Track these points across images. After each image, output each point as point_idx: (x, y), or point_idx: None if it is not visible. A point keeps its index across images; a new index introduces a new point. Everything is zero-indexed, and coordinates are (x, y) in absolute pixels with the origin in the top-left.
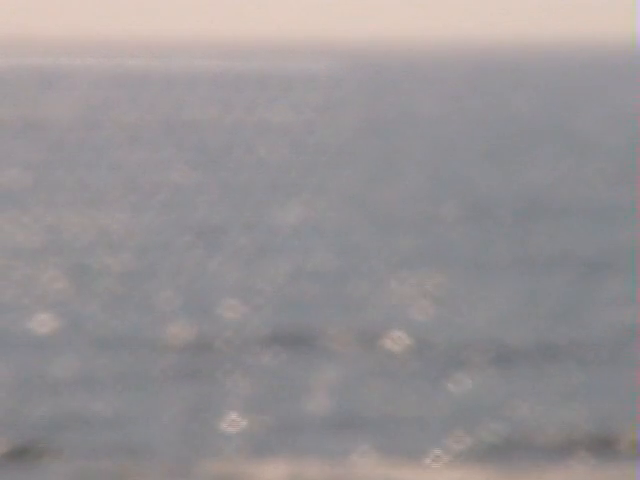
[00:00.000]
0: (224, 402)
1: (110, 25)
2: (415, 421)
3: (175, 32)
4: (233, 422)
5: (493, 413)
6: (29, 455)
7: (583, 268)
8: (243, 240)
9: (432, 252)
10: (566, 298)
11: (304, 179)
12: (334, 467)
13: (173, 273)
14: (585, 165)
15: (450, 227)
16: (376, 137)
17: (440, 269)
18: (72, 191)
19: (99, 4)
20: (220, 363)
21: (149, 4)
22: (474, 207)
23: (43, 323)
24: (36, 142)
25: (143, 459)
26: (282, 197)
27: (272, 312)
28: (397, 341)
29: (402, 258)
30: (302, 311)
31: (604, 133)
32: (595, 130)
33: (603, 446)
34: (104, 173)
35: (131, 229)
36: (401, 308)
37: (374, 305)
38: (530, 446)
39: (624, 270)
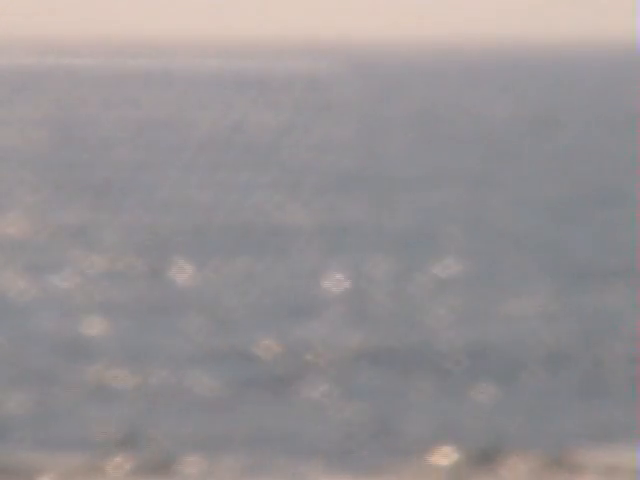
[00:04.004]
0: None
1: (110, 25)
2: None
3: (175, 32)
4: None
5: (481, 426)
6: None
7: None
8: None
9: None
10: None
11: (304, 179)
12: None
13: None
14: (584, 166)
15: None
16: (376, 137)
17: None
18: (73, 190)
19: (99, 4)
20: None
21: (149, 4)
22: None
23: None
24: (36, 141)
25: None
26: (282, 197)
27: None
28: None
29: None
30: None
31: (604, 133)
32: (595, 130)
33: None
34: (105, 173)
35: (153, 229)
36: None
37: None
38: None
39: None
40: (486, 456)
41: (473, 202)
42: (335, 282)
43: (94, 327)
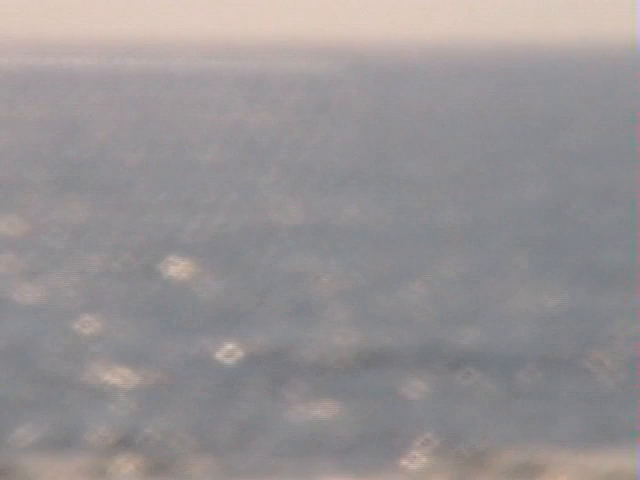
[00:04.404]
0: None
1: (110, 25)
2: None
3: (175, 32)
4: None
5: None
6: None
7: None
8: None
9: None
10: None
11: (304, 179)
12: None
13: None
14: (584, 166)
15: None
16: (376, 137)
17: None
18: (73, 190)
19: (99, 4)
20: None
21: (149, 4)
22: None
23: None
24: (36, 141)
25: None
26: (283, 197)
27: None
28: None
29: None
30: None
31: (604, 133)
32: (595, 130)
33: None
34: (106, 172)
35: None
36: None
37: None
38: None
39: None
40: (484, 455)
41: (473, 202)
42: (335, 282)
43: (94, 327)
